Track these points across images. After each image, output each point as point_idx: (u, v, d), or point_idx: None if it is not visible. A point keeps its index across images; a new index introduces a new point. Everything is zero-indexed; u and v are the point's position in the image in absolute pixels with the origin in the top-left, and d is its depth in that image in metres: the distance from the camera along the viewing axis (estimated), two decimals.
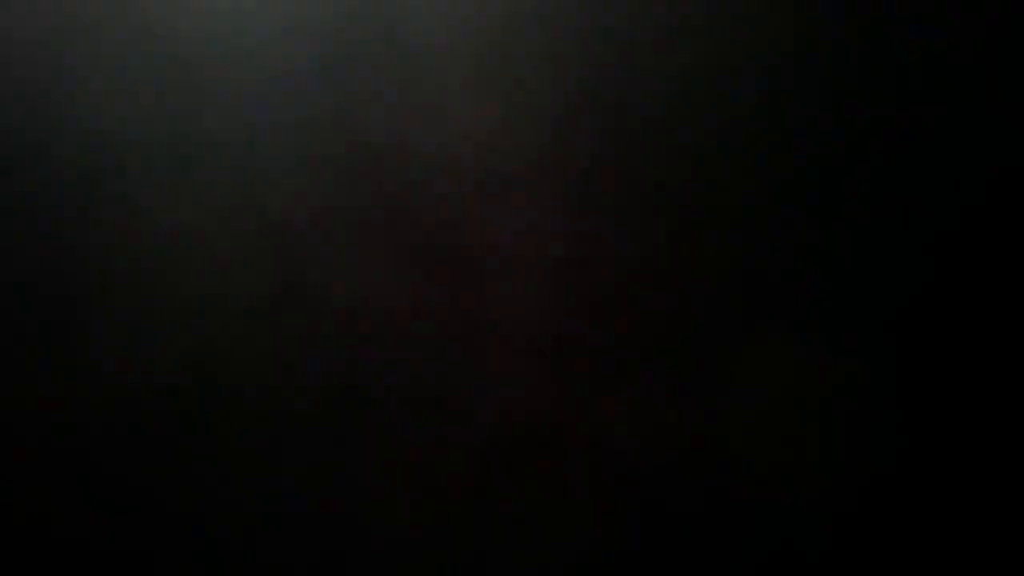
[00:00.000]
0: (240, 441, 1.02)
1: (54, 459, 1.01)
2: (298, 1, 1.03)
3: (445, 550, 1.02)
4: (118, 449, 1.01)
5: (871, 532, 1.04)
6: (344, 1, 1.03)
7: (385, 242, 1.03)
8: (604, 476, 1.03)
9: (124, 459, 1.01)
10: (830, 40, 1.05)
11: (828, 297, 1.04)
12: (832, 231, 1.05)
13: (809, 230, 1.05)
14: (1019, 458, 1.04)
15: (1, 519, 1.00)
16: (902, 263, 1.05)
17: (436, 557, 1.02)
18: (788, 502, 1.04)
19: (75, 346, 1.01)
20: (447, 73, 1.04)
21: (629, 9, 1.05)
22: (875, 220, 1.05)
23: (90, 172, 1.02)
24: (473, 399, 1.03)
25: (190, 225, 1.02)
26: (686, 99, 1.05)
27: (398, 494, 1.02)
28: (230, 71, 1.03)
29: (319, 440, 1.02)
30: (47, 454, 1.01)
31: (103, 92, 1.02)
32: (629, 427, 1.03)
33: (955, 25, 1.06)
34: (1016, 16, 1.06)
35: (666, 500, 1.03)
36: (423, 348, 1.03)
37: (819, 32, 1.05)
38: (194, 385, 1.01)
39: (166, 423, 1.01)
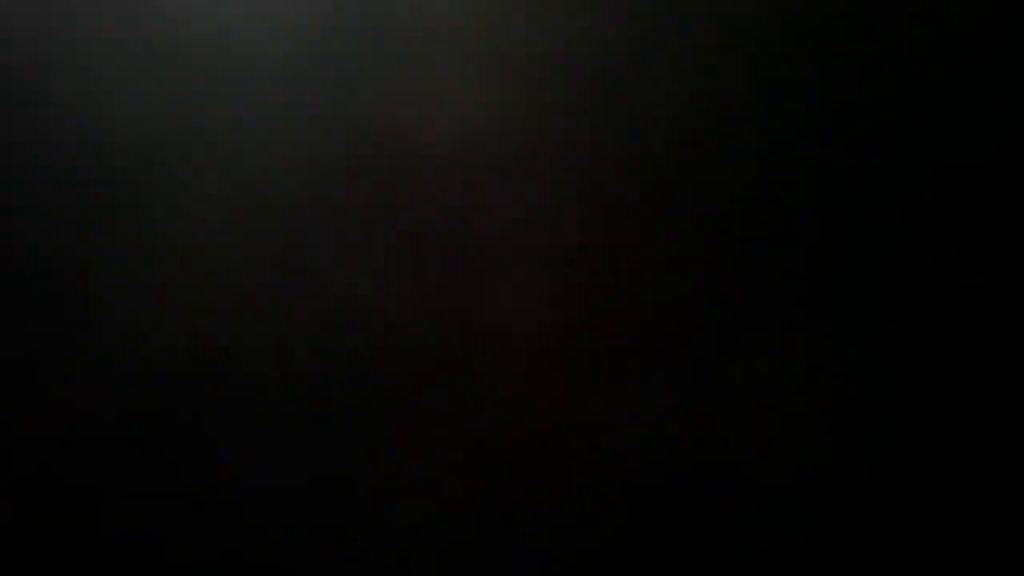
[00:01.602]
0: (238, 434, 1.02)
1: (56, 453, 1.01)
2: None
3: (444, 549, 1.02)
4: (119, 442, 1.01)
5: (873, 531, 1.04)
6: None
7: (386, 236, 1.03)
8: (604, 476, 1.03)
9: (125, 451, 1.01)
10: (831, 39, 1.05)
11: (828, 297, 1.04)
12: (832, 230, 1.05)
13: (809, 229, 1.05)
14: (1018, 455, 1.04)
15: (9, 511, 1.00)
16: (903, 263, 1.05)
17: (435, 556, 1.02)
18: (789, 501, 1.03)
19: (76, 340, 1.01)
20: (447, 64, 1.04)
21: (631, 4, 1.05)
22: (876, 219, 1.05)
23: (92, 167, 1.02)
24: (470, 393, 1.03)
25: (190, 219, 1.02)
26: (686, 95, 1.05)
27: (396, 492, 1.02)
28: (229, 64, 1.03)
29: (318, 434, 1.02)
30: (50, 447, 1.01)
31: (105, 88, 1.02)
32: (629, 427, 1.03)
33: (954, 24, 1.06)
34: (1016, 16, 1.06)
35: (666, 499, 1.03)
36: (422, 343, 1.03)
37: (821, 30, 1.05)
38: (194, 379, 1.01)
39: (166, 416, 1.01)
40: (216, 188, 1.02)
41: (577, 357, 1.03)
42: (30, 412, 1.01)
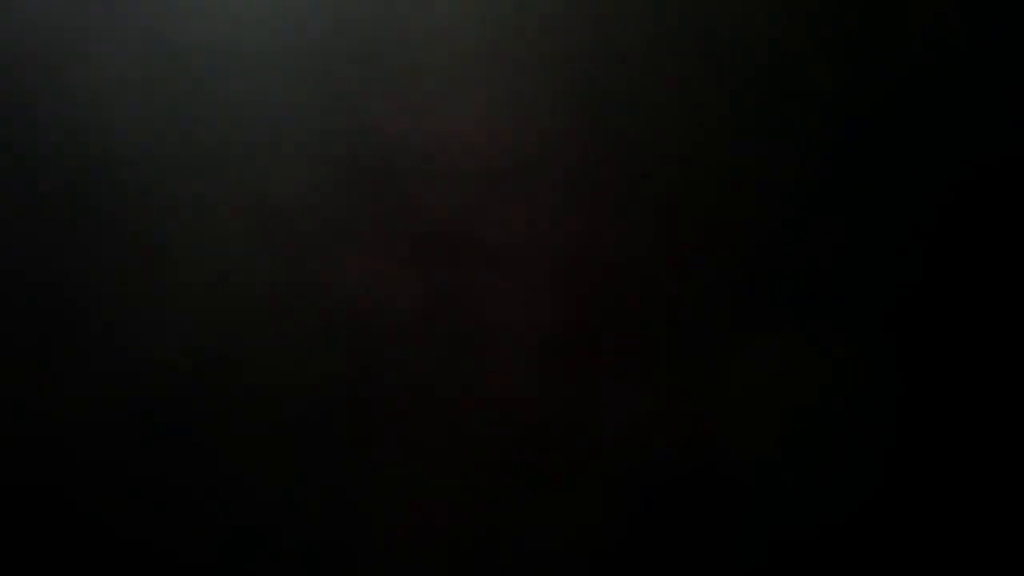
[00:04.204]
0: (240, 437, 1.02)
1: (56, 455, 1.01)
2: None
3: (444, 549, 1.03)
4: (120, 445, 1.01)
5: (871, 531, 1.04)
6: None
7: (386, 238, 1.03)
8: (603, 476, 1.03)
9: (126, 455, 1.01)
10: (829, 39, 1.05)
11: (828, 296, 1.05)
12: (832, 230, 1.05)
13: (809, 228, 1.05)
14: (1018, 456, 1.04)
15: (15, 510, 1.00)
16: (902, 262, 1.05)
17: (435, 555, 1.02)
18: (788, 500, 1.04)
19: (77, 344, 1.01)
20: (448, 68, 1.04)
21: (629, 5, 1.05)
22: (875, 219, 1.05)
23: (94, 173, 1.02)
24: (473, 396, 1.03)
25: (192, 222, 1.02)
26: (685, 98, 1.05)
27: (397, 493, 1.02)
28: (232, 69, 1.03)
29: (318, 436, 1.02)
30: (50, 449, 1.01)
31: (108, 93, 1.02)
32: (629, 427, 1.03)
33: (952, 24, 1.06)
34: (1013, 15, 1.06)
35: (666, 499, 1.03)
36: (422, 344, 1.03)
37: (819, 31, 1.05)
38: (196, 381, 1.01)
39: (168, 420, 1.01)
40: (218, 193, 1.02)
41: (577, 358, 1.03)
42: (30, 416, 1.01)
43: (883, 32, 1.06)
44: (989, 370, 1.05)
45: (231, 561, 1.01)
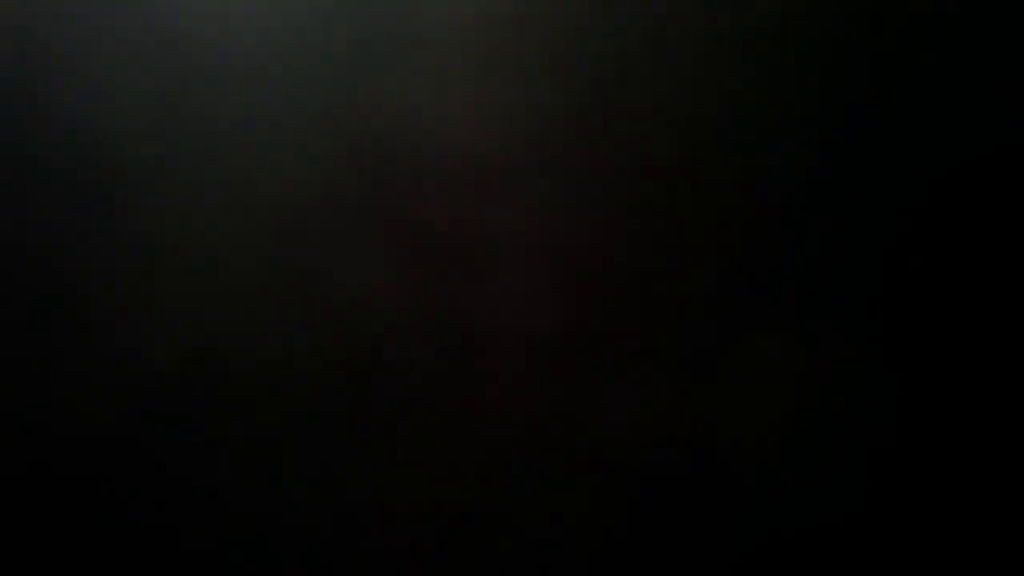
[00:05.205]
0: (237, 437, 1.02)
1: (55, 453, 1.01)
2: None
3: (444, 549, 1.03)
4: (119, 442, 1.01)
5: (870, 530, 1.04)
6: None
7: (386, 236, 1.03)
8: (602, 475, 1.03)
9: (124, 451, 1.01)
10: (829, 39, 1.05)
11: (828, 296, 1.05)
12: (831, 229, 1.05)
13: (809, 228, 1.05)
14: (1017, 456, 1.04)
15: (12, 509, 1.01)
16: (902, 262, 1.05)
17: (435, 556, 1.03)
18: (788, 500, 1.04)
19: (75, 340, 1.01)
20: (449, 66, 1.04)
21: (631, 4, 1.05)
22: (875, 219, 1.05)
23: (91, 168, 1.02)
24: (472, 396, 1.03)
25: (190, 219, 1.02)
26: (685, 97, 1.05)
27: (396, 492, 1.02)
28: (231, 64, 1.03)
29: (317, 436, 1.02)
30: (49, 447, 1.01)
31: (103, 88, 1.02)
32: (628, 427, 1.03)
33: (952, 23, 1.06)
34: (1013, 15, 1.06)
35: (666, 498, 1.03)
36: (421, 344, 1.03)
37: (820, 31, 1.05)
38: (192, 381, 1.02)
39: (164, 416, 1.01)
40: (216, 188, 1.02)
41: (576, 357, 1.03)
42: (28, 412, 1.01)
43: (883, 32, 1.05)
44: (989, 370, 1.05)
45: (231, 561, 1.02)
